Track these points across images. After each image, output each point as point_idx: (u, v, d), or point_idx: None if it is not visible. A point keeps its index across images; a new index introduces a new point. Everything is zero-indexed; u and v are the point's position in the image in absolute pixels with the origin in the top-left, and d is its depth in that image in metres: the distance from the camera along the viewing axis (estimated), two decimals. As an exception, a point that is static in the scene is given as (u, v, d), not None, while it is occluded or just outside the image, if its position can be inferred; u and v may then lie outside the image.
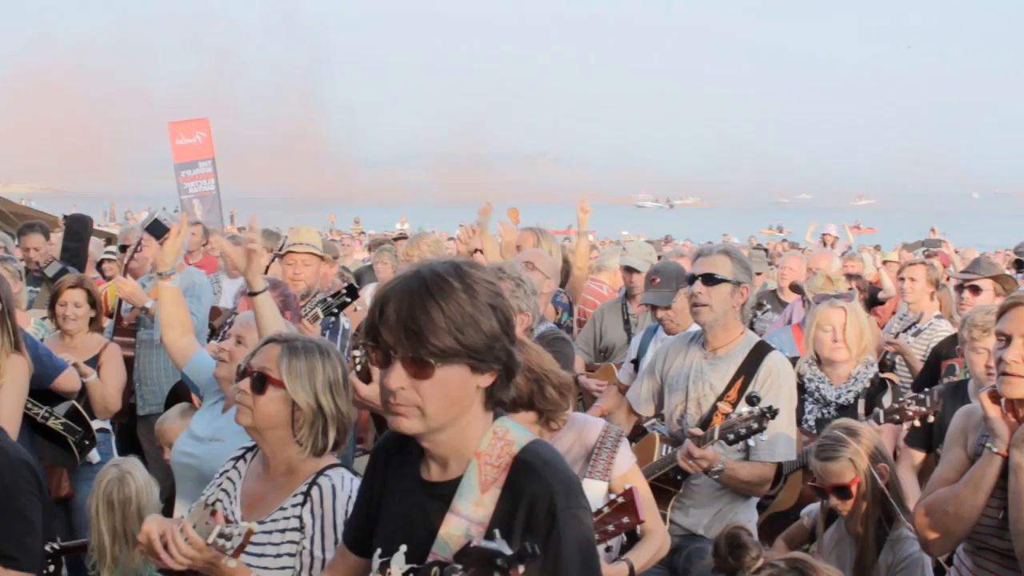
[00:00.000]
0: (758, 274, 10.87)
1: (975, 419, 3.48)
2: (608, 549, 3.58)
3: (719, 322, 4.56)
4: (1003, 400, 3.30)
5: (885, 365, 7.49)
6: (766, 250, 19.04)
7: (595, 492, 3.56)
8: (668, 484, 4.46)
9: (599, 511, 3.45)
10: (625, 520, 3.44)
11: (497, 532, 2.12)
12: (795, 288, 8.07)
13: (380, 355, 2.28)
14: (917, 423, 4.75)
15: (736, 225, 47.15)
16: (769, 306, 8.88)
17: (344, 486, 3.18)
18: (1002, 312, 3.37)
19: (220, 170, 18.16)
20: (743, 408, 4.27)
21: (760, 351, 4.58)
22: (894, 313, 9.11)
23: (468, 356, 2.25)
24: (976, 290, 6.02)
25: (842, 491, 4.09)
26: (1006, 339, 3.29)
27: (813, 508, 4.46)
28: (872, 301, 9.74)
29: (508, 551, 2.01)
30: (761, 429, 4.17)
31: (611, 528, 3.46)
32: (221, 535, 2.74)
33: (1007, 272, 6.54)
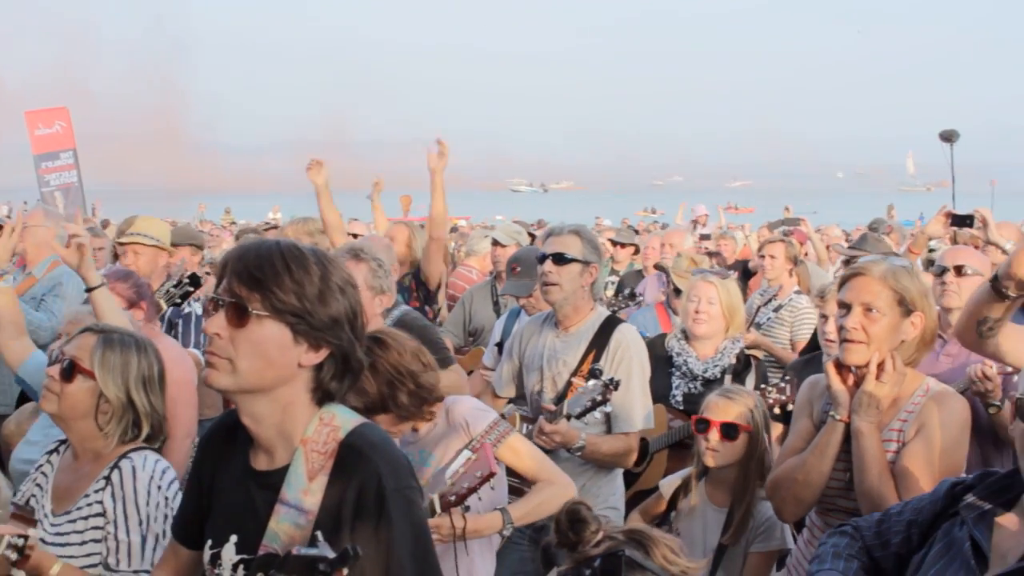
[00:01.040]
0: (624, 246, 11.06)
1: (819, 388, 3.61)
2: (480, 499, 3.60)
3: (569, 301, 4.65)
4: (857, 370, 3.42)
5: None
6: (637, 231, 19.39)
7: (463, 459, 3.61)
8: None
9: (455, 472, 3.47)
10: (479, 474, 3.45)
11: (319, 535, 2.13)
12: (659, 268, 8.23)
13: (212, 303, 2.27)
14: (777, 411, 4.88)
15: (610, 208, 47.78)
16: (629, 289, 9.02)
17: (146, 467, 3.18)
18: (843, 282, 3.51)
19: (82, 160, 17.57)
20: (589, 382, 4.35)
21: (610, 325, 4.69)
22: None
23: (297, 318, 2.23)
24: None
25: (730, 429, 4.18)
26: (847, 308, 3.42)
27: (671, 479, 4.55)
28: (745, 275, 10.01)
29: (330, 554, 2.01)
30: (605, 401, 4.26)
31: (466, 486, 3.46)
32: (10, 546, 2.71)
33: (895, 251, 6.67)
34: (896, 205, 24.78)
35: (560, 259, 4.60)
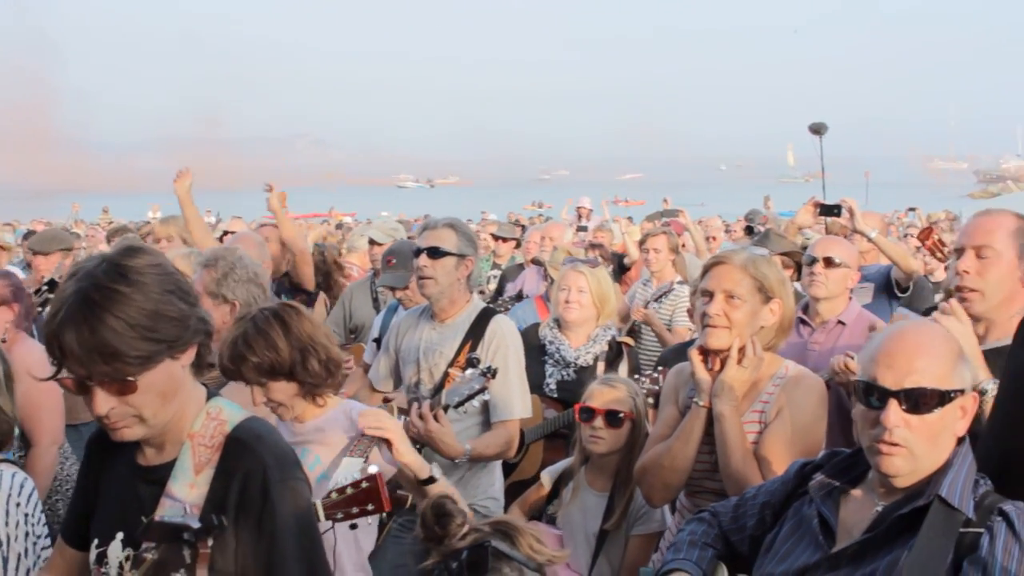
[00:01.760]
0: (506, 240, 11.13)
1: (684, 376, 3.71)
2: (353, 527, 3.59)
3: (445, 294, 4.69)
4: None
5: (632, 331, 7.84)
6: (523, 226, 19.50)
7: (350, 468, 3.57)
8: None
9: (343, 489, 3.44)
10: (370, 507, 3.44)
11: (187, 507, 2.14)
12: (536, 262, 8.32)
13: (74, 383, 2.20)
14: (651, 400, 4.99)
15: (496, 202, 47.90)
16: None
17: (2, 485, 3.09)
18: (705, 271, 3.61)
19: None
20: (466, 371, 4.39)
21: (485, 316, 4.73)
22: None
23: (170, 348, 2.22)
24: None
25: (613, 417, 4.26)
26: (709, 295, 3.52)
27: (553, 468, 4.61)
28: (621, 268, 10.18)
29: (195, 524, 2.01)
30: (483, 389, 4.30)
31: (355, 511, 3.45)
32: None
33: (796, 248, 6.83)
34: (776, 196, 25.46)
35: (435, 253, 4.63)
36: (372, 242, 7.80)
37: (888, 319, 5.07)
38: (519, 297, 7.98)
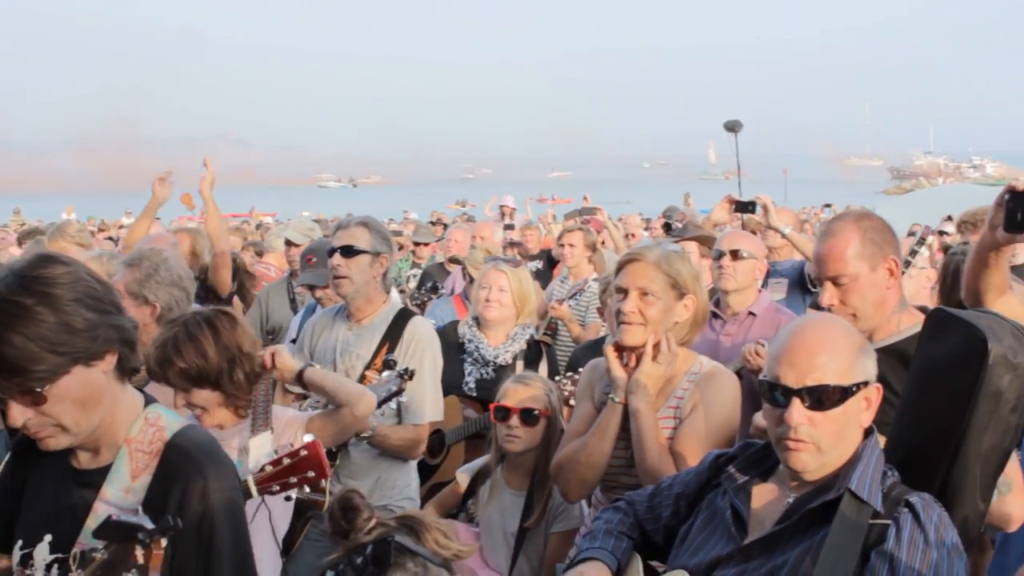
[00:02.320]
0: (426, 244, 11.11)
1: (599, 372, 3.73)
2: (288, 499, 3.54)
3: (360, 293, 4.65)
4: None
5: (550, 329, 7.86)
6: (446, 225, 19.49)
7: (262, 444, 3.53)
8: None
9: (279, 460, 3.37)
10: (311, 474, 3.37)
11: (140, 508, 2.13)
12: (454, 260, 8.31)
13: None
14: (572, 402, 5.00)
15: (421, 201, 47.83)
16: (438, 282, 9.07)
17: None
18: (619, 268, 3.63)
19: None
20: (383, 373, 4.36)
21: (403, 318, 4.70)
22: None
23: (77, 359, 2.16)
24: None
25: (528, 415, 4.24)
26: (624, 292, 3.54)
27: (469, 466, 4.60)
28: (550, 264, 10.20)
29: (149, 525, 1.99)
30: (400, 391, 4.28)
31: (294, 480, 3.38)
32: None
33: (709, 234, 6.90)
34: (698, 193, 25.80)
35: (348, 251, 4.59)
36: (289, 243, 7.73)
37: (802, 313, 5.15)
38: (434, 289, 7.95)
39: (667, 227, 11.76)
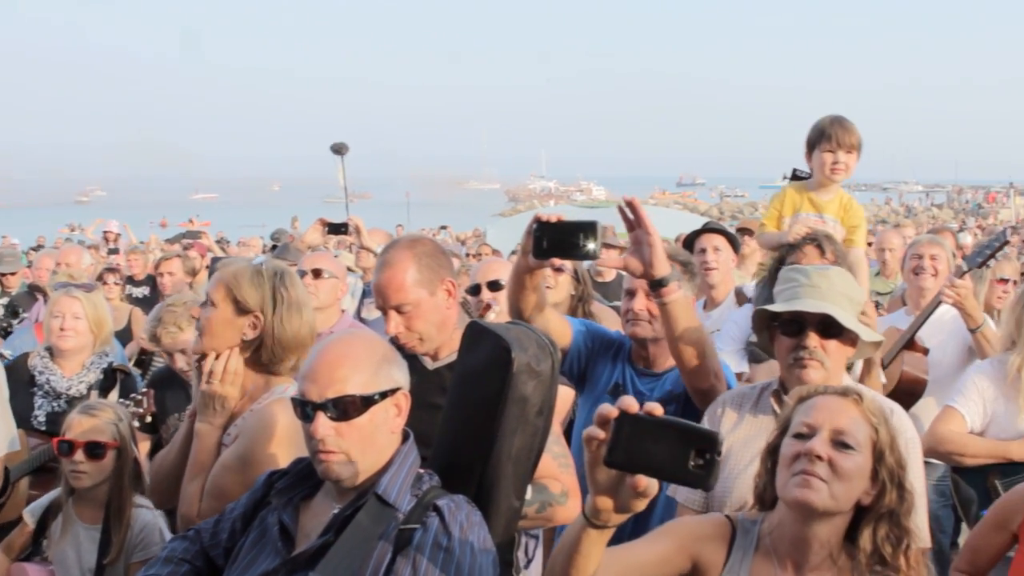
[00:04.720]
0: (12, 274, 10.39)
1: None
2: None
3: None
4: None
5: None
6: (57, 247, 18.35)
7: None
8: None
9: None
10: None
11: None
12: (34, 288, 7.98)
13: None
14: (137, 423, 4.81)
15: (31, 226, 44.42)
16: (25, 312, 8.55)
17: None
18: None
19: None
20: None
21: None
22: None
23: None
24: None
25: (94, 448, 4.04)
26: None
27: (35, 505, 4.31)
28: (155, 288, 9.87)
29: None
30: None
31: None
32: None
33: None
34: (324, 214, 25.99)
35: None
36: None
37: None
38: (15, 314, 7.48)
39: (274, 248, 11.82)
